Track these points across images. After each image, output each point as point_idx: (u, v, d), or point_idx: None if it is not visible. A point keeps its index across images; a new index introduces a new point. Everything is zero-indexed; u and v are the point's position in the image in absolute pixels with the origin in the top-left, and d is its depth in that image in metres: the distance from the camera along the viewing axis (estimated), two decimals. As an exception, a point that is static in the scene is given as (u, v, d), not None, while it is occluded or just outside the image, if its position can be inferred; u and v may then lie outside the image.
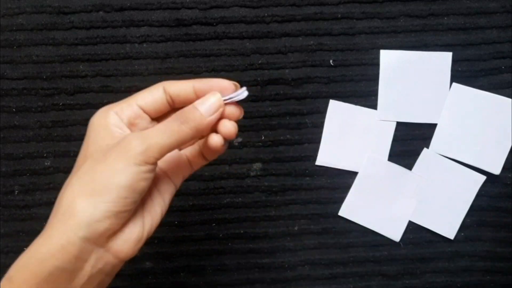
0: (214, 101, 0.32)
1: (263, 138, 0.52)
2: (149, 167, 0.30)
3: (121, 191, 0.29)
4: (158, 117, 0.34)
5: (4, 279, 0.29)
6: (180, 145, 0.31)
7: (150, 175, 0.30)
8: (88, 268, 0.29)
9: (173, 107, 0.34)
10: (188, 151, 0.36)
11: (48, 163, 0.51)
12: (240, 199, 0.53)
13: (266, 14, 0.51)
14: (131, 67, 0.51)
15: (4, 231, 0.51)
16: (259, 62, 0.51)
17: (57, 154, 0.51)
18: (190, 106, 0.31)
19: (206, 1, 0.51)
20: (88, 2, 0.50)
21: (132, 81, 0.51)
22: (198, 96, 0.33)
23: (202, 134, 0.32)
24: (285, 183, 0.52)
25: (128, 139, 0.30)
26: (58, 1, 0.50)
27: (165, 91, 0.33)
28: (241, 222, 0.53)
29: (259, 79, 0.51)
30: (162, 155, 0.30)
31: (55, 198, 0.51)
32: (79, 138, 0.51)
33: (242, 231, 0.53)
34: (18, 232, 0.52)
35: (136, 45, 0.51)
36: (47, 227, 0.29)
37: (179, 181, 0.36)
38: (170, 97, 0.33)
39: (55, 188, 0.51)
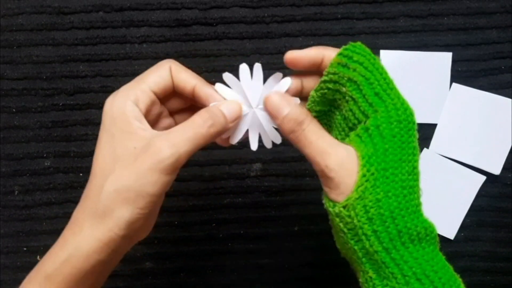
0: (237, 109, 0.33)
1: (263, 138, 0.52)
2: (176, 171, 0.31)
3: (153, 198, 0.31)
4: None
5: (41, 279, 0.31)
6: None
7: (175, 176, 0.32)
8: (119, 258, 0.33)
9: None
10: None
11: (48, 163, 0.51)
12: (240, 199, 0.53)
13: (266, 14, 0.51)
14: (131, 67, 0.51)
15: (4, 231, 0.51)
16: (259, 62, 0.51)
17: (57, 154, 0.51)
18: (217, 110, 0.32)
19: (206, 1, 0.51)
20: (88, 2, 0.50)
21: (132, 81, 0.51)
22: (195, 95, 0.34)
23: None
24: (285, 183, 0.52)
25: (158, 146, 0.30)
26: (58, 1, 0.50)
27: (172, 74, 0.33)
28: (241, 222, 0.53)
29: (259, 79, 0.51)
30: (188, 159, 0.32)
31: (55, 198, 0.51)
32: (79, 138, 0.51)
33: (242, 232, 0.53)
34: (18, 232, 0.52)
35: (136, 45, 0.51)
36: (81, 225, 0.31)
37: None
38: (173, 82, 0.34)
39: (55, 188, 0.51)
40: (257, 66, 0.33)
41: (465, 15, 0.52)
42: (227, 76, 0.33)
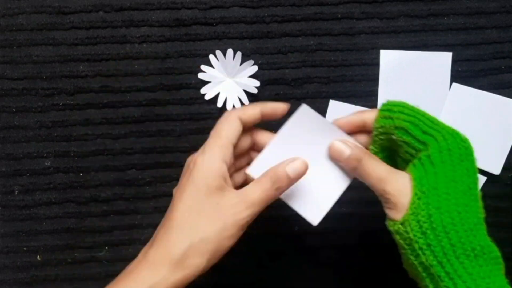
0: (301, 167, 0.37)
1: (263, 138, 0.52)
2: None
3: (227, 251, 0.36)
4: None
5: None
6: None
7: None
8: None
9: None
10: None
11: (48, 163, 0.51)
12: (240, 199, 0.52)
13: (266, 14, 0.51)
14: (131, 67, 0.51)
15: (4, 231, 0.51)
16: (259, 62, 0.51)
17: (57, 154, 0.51)
18: (284, 174, 0.36)
19: (206, 1, 0.51)
20: (88, 2, 0.50)
21: (132, 81, 0.51)
22: (263, 116, 0.39)
23: None
24: (285, 183, 0.52)
25: (239, 207, 0.35)
26: (58, 1, 0.50)
27: (241, 121, 0.37)
28: (241, 222, 0.53)
29: (259, 79, 0.51)
30: None
31: (55, 198, 0.51)
32: (79, 138, 0.51)
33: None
34: (18, 232, 0.52)
35: (136, 45, 0.51)
36: (158, 268, 0.35)
37: None
38: (244, 124, 0.38)
39: (55, 188, 0.51)
40: (238, 54, 0.50)
41: (465, 15, 0.52)
42: (218, 53, 0.50)
